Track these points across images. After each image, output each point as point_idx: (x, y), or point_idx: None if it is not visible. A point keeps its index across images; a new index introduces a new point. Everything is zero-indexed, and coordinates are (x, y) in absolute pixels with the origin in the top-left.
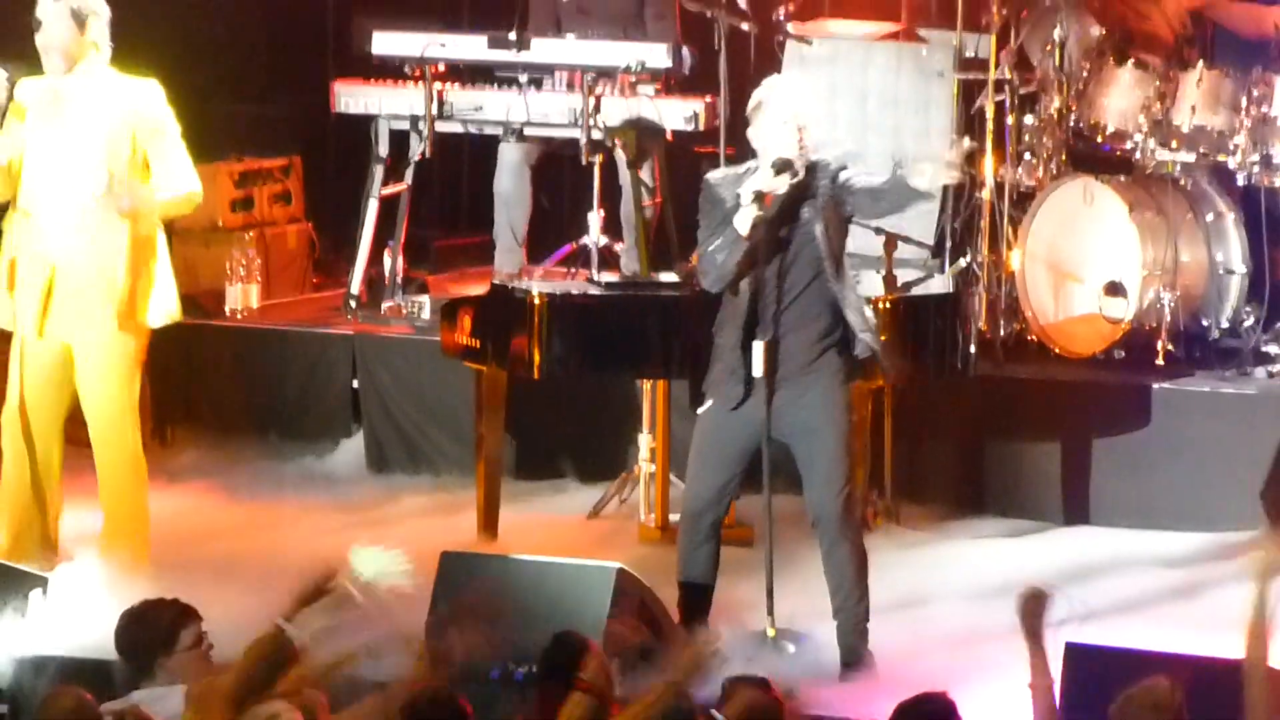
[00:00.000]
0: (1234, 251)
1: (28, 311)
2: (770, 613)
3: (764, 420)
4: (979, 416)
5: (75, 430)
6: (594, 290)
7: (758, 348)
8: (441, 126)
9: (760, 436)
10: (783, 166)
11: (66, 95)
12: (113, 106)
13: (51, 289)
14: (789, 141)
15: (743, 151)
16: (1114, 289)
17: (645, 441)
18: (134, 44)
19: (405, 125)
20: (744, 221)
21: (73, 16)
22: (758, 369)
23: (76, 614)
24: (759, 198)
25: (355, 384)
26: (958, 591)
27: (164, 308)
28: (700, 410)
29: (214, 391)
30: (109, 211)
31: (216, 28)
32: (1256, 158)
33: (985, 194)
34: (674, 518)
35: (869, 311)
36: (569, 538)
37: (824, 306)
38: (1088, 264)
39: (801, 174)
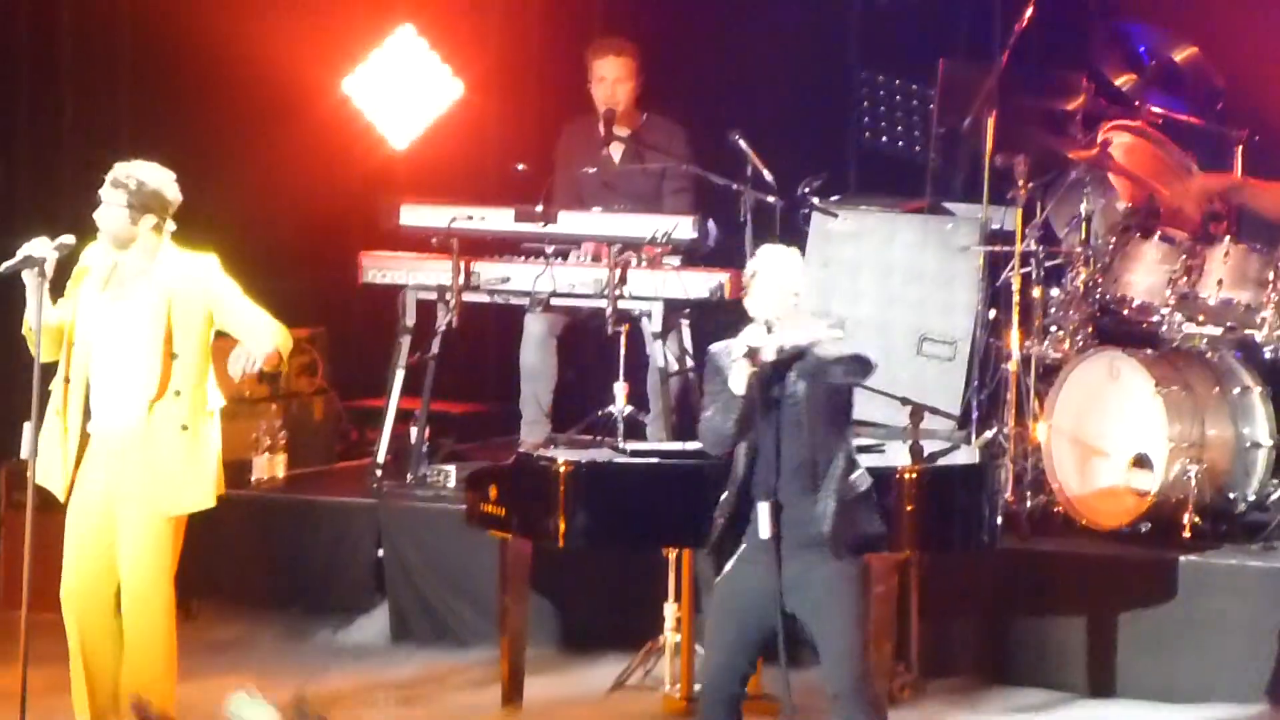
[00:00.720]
0: (1260, 425)
1: (65, 475)
2: None
3: (776, 589)
4: (1005, 588)
5: None
6: (619, 459)
7: (762, 509)
8: (468, 297)
9: (773, 606)
10: (769, 327)
11: (125, 270)
12: (173, 283)
13: (86, 459)
14: (783, 306)
15: None
16: (1140, 462)
17: (670, 611)
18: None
19: (432, 296)
20: (735, 381)
21: (129, 208)
22: (764, 531)
23: None
24: (751, 354)
25: (380, 554)
26: None
27: (209, 489)
28: (718, 579)
29: (239, 563)
30: (236, 371)
31: (242, 202)
32: None
33: (1011, 366)
34: (699, 688)
35: (860, 486)
36: (594, 709)
37: (816, 473)
38: (1114, 437)
39: (789, 337)
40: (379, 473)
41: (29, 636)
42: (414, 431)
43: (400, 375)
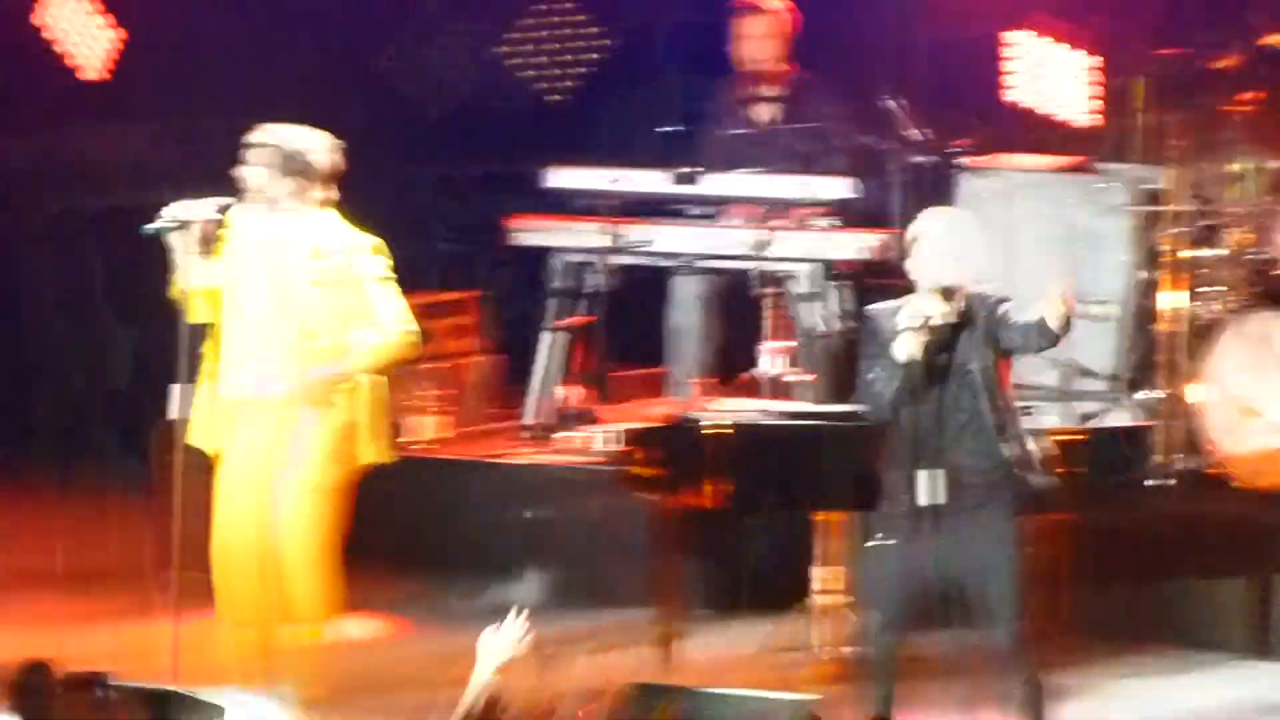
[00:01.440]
0: None
1: (216, 434)
2: None
3: (936, 551)
4: (1160, 550)
5: None
6: (769, 422)
7: (923, 477)
8: (617, 259)
9: (930, 570)
10: (941, 295)
11: (277, 235)
12: (323, 253)
13: (238, 422)
14: (946, 272)
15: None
16: None
17: (818, 574)
18: None
19: (581, 259)
20: (902, 349)
21: (268, 166)
22: (924, 498)
23: None
24: (916, 325)
25: (530, 515)
26: None
27: (352, 455)
28: (869, 544)
29: (392, 524)
30: (307, 336)
31: (400, 167)
32: None
33: (1165, 327)
34: (849, 651)
35: (1037, 445)
36: (746, 670)
37: (987, 438)
38: (1269, 397)
39: (960, 304)
40: (529, 434)
41: (180, 595)
42: (563, 393)
43: (549, 337)
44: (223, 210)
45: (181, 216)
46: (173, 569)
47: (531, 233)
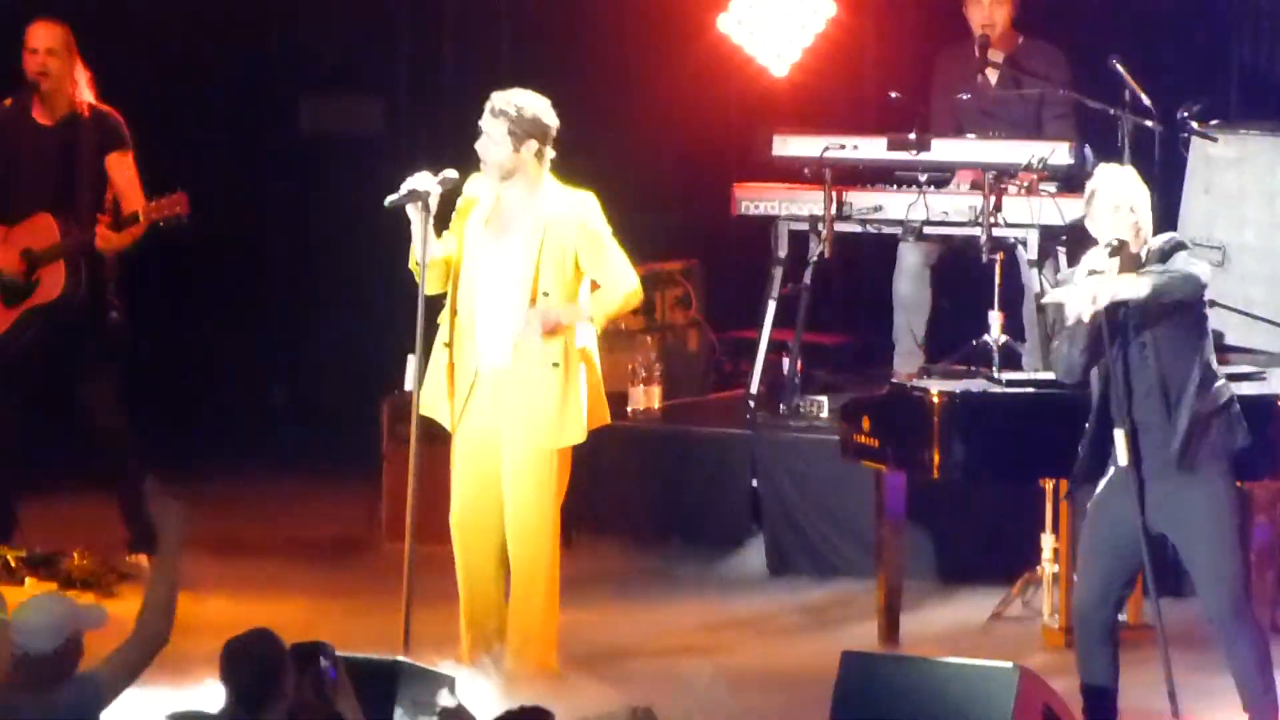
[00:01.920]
0: None
1: (453, 413)
2: (1175, 715)
3: (1139, 515)
4: None
5: None
6: (994, 390)
7: (1119, 435)
8: (840, 227)
9: (1136, 534)
10: (1115, 249)
11: (507, 204)
12: (550, 219)
13: (472, 393)
14: (1120, 225)
15: None
16: None
17: (1047, 542)
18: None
19: (804, 227)
20: (1073, 308)
21: (510, 135)
22: (1122, 457)
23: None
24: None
25: (755, 485)
26: None
27: (594, 418)
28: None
29: (616, 494)
30: (535, 328)
31: (621, 137)
32: None
33: None
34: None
35: (1219, 400)
36: (971, 640)
37: (1178, 397)
38: None
39: (1137, 257)
40: (752, 404)
41: (412, 564)
42: (787, 363)
43: (773, 306)
44: (455, 182)
45: (419, 188)
46: (406, 540)
47: (757, 201)
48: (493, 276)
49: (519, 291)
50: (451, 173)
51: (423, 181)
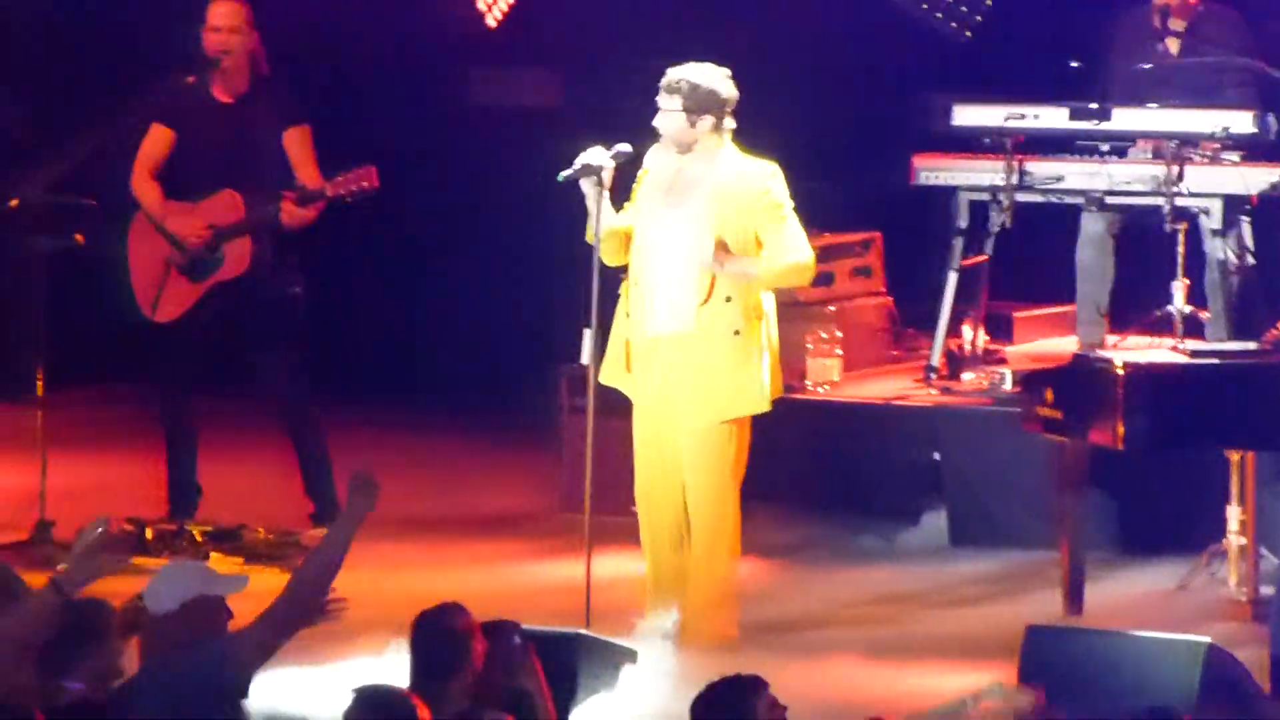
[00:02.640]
0: None
1: (634, 383)
2: None
3: None
4: None
5: None
6: (1179, 360)
7: None
8: (1021, 197)
9: None
10: None
11: (686, 175)
12: (731, 190)
13: (651, 361)
14: None
15: None
16: None
17: (1234, 514)
18: None
19: (985, 197)
20: None
21: (684, 110)
22: None
23: (658, 689)
24: None
25: (936, 457)
26: None
27: (773, 387)
28: None
29: (795, 466)
30: (707, 273)
31: (799, 106)
32: None
33: None
34: (1265, 591)
35: None
36: (1157, 611)
37: None
38: None
39: None
40: (933, 375)
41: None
42: (968, 333)
43: (954, 278)
44: (629, 155)
45: (593, 162)
46: (585, 512)
47: (937, 171)
48: (670, 246)
49: (696, 260)
50: (625, 146)
51: (596, 156)
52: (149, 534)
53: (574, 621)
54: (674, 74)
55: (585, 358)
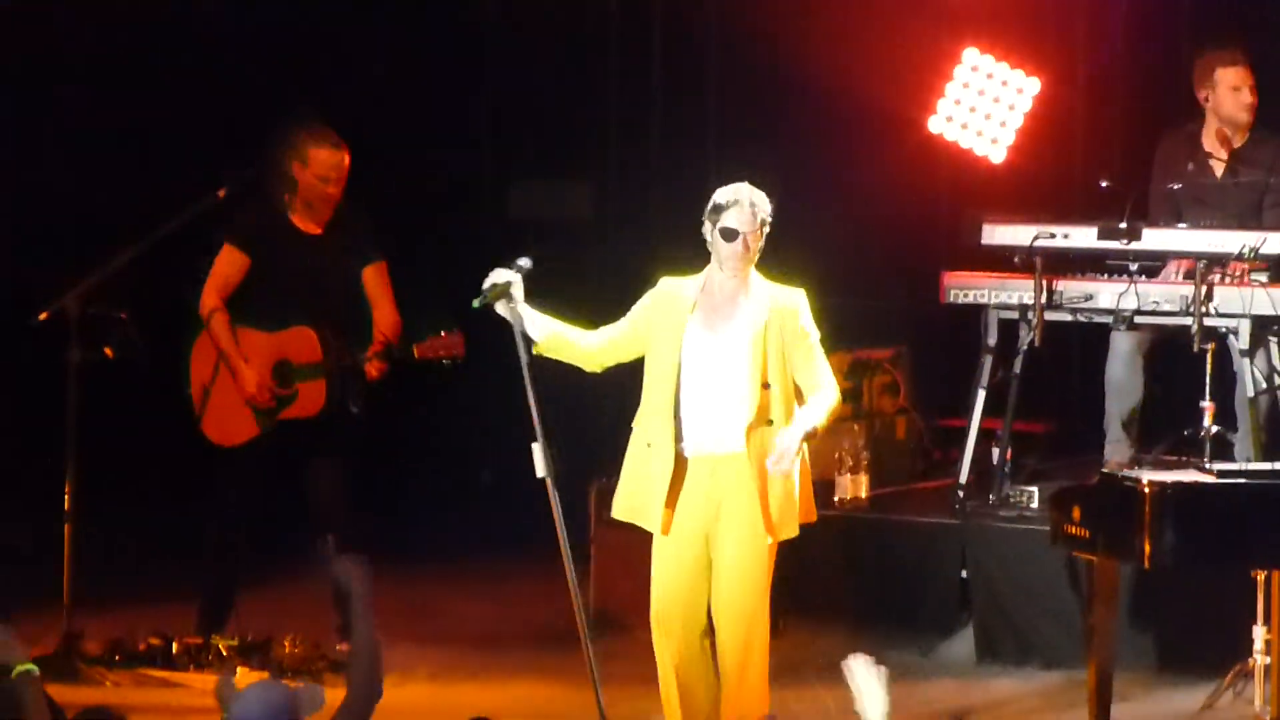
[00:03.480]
0: None
1: (659, 507)
2: None
3: None
4: None
5: None
6: (1206, 479)
7: None
8: (1050, 315)
9: None
10: None
11: (720, 294)
12: (772, 311)
13: (685, 485)
14: None
15: None
16: None
17: (1259, 633)
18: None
19: (1014, 315)
20: None
21: (760, 226)
22: None
23: None
24: None
25: (964, 574)
26: None
27: (805, 510)
28: None
29: (825, 582)
30: (785, 457)
31: (829, 223)
32: None
33: None
34: None
35: None
36: None
37: None
38: None
39: None
40: (961, 493)
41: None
42: (996, 451)
43: (982, 395)
44: (528, 268)
45: (498, 281)
46: (579, 625)
47: (967, 289)
48: (713, 368)
49: (741, 384)
50: (525, 260)
51: (499, 275)
52: (175, 647)
53: None
54: (743, 190)
55: (541, 471)
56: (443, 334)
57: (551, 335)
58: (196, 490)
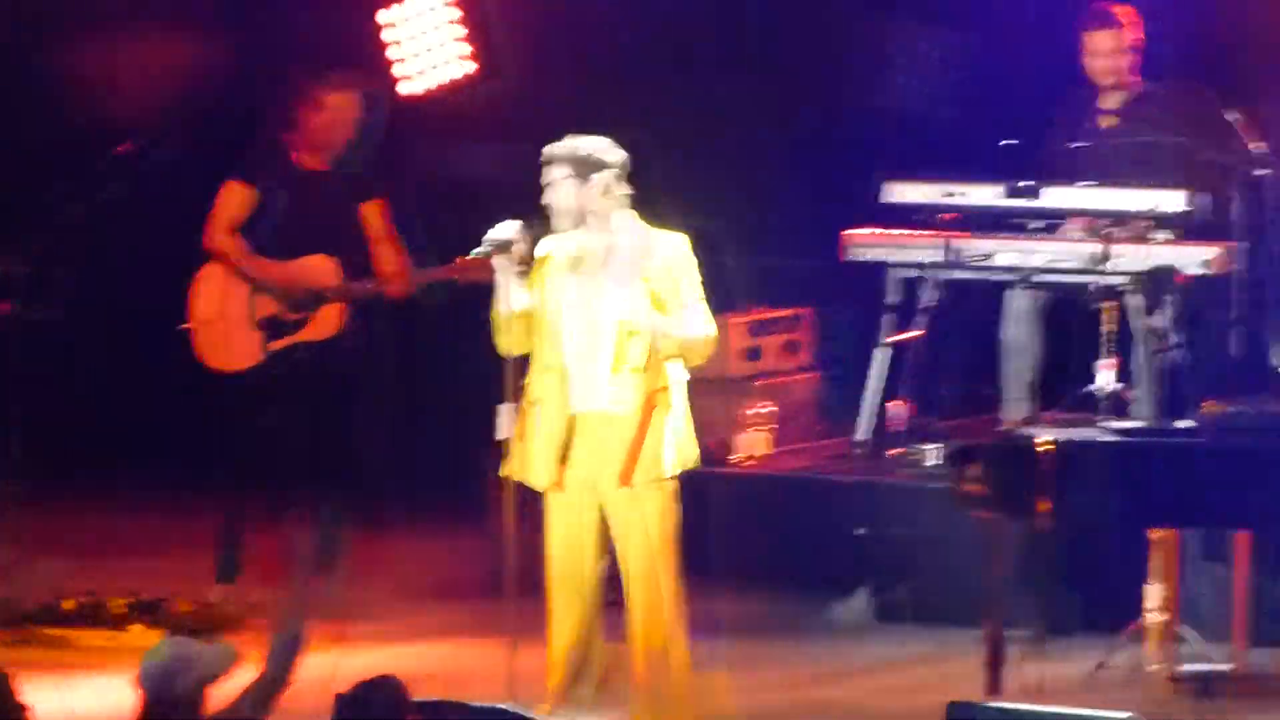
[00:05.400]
0: None
1: (546, 463)
2: None
3: None
4: None
5: None
6: (1103, 438)
7: None
8: (952, 274)
9: None
10: None
11: (588, 247)
12: (639, 259)
13: (571, 440)
14: None
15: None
16: None
17: (1154, 592)
18: (651, 194)
19: (916, 274)
20: None
21: (575, 176)
22: None
23: None
24: None
25: (863, 532)
26: None
27: (682, 456)
28: None
29: (724, 541)
30: (622, 340)
31: (730, 181)
32: None
33: None
34: (1186, 669)
35: None
36: (1077, 691)
37: None
38: None
39: None
40: (860, 451)
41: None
42: (895, 409)
43: (882, 354)
44: (534, 230)
45: (504, 237)
46: (508, 591)
47: (867, 248)
48: (582, 322)
49: (612, 332)
50: (528, 221)
51: (507, 230)
52: (67, 605)
53: (501, 696)
54: (553, 147)
55: (502, 434)
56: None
57: (523, 310)
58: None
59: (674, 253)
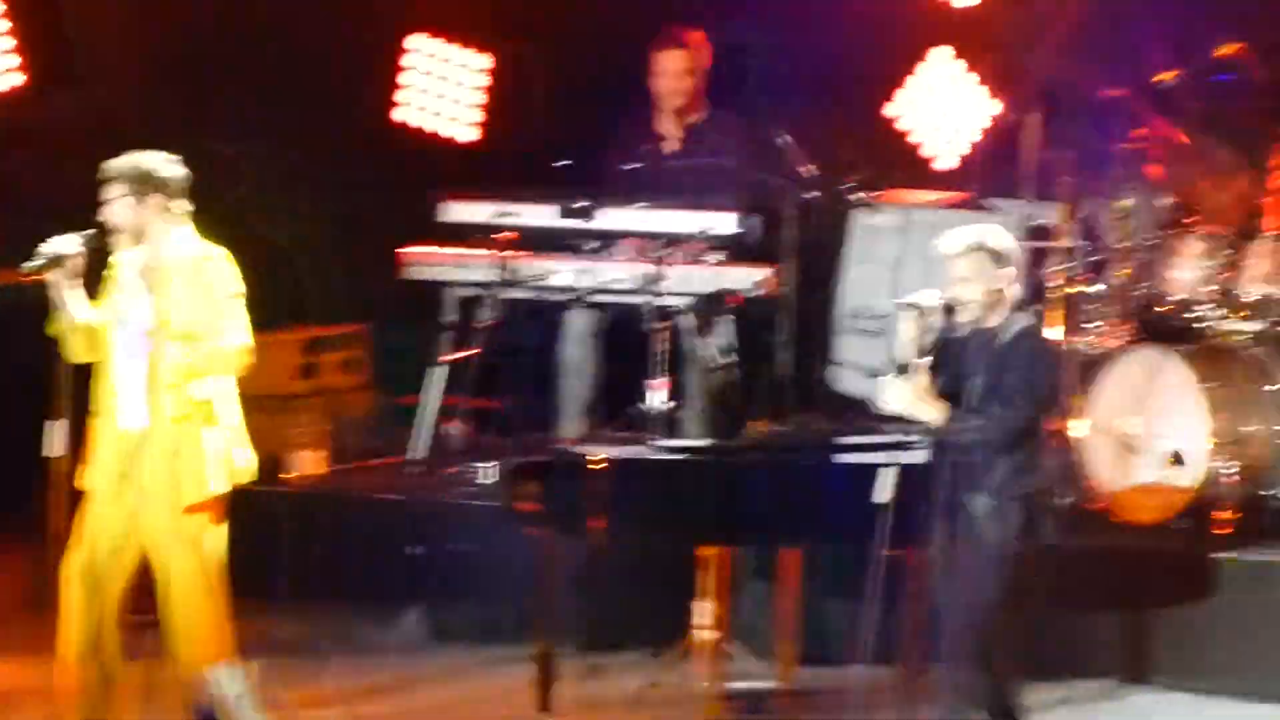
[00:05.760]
0: None
1: (103, 476)
2: None
3: None
4: (1041, 584)
5: None
6: (653, 455)
7: None
8: (509, 293)
9: None
10: None
11: (140, 264)
12: (173, 275)
13: (120, 455)
14: None
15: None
16: (1178, 459)
17: (704, 609)
18: (208, 206)
19: (474, 292)
20: None
21: (132, 194)
22: None
23: None
24: None
25: (417, 551)
26: None
27: (230, 472)
28: None
29: (278, 560)
30: (154, 361)
31: (292, 197)
32: None
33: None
34: (733, 686)
35: None
36: (626, 707)
37: None
38: (1152, 432)
39: None
40: (415, 469)
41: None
42: (451, 428)
43: (438, 371)
44: (91, 242)
45: (60, 251)
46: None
47: (425, 266)
48: (124, 336)
49: (144, 349)
50: (90, 232)
51: (62, 244)
52: None
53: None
54: (111, 165)
55: (53, 450)
56: None
57: (85, 322)
58: None
59: (215, 266)
